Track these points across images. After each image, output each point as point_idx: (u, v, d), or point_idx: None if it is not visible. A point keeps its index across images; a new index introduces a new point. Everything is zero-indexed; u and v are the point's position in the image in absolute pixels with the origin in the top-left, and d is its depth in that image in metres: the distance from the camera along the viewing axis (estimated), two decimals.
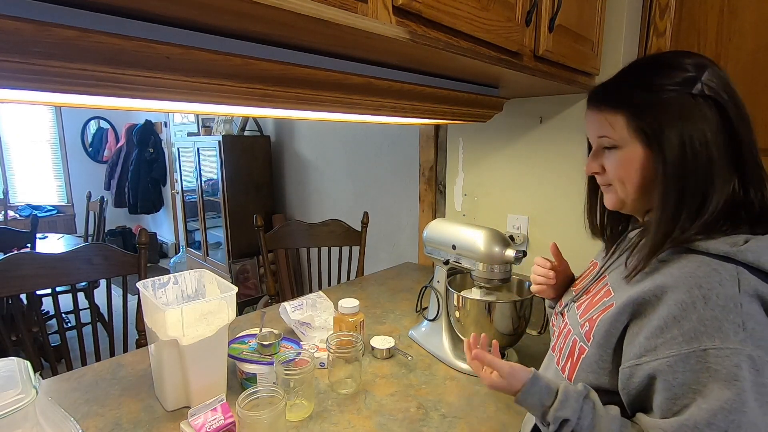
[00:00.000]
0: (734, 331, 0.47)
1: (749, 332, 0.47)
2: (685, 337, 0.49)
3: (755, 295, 0.48)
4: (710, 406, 0.46)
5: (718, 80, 0.54)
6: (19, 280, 1.15)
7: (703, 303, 0.48)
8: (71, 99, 0.56)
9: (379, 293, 1.52)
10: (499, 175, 1.57)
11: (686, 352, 0.48)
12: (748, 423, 0.46)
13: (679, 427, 0.48)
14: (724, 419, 0.46)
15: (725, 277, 0.49)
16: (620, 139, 0.59)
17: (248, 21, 0.56)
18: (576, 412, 0.55)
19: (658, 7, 1.19)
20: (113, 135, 5.06)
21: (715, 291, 0.48)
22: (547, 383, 0.60)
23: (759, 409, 0.46)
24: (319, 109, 0.81)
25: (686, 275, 0.51)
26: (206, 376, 0.85)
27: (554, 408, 0.57)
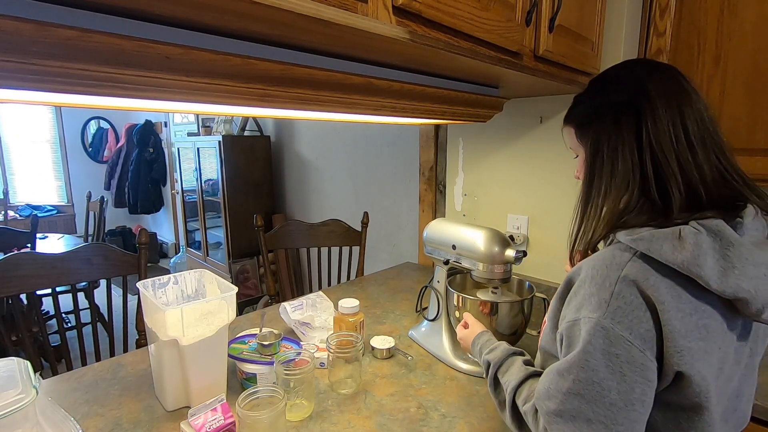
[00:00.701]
0: (599, 305, 0.53)
1: (612, 308, 0.52)
2: (574, 309, 0.57)
3: (634, 280, 0.53)
4: (565, 359, 0.56)
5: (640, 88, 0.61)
6: (19, 280, 1.15)
7: (590, 281, 0.56)
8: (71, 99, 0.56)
9: (379, 293, 1.52)
10: (499, 175, 1.57)
11: (572, 320, 0.57)
12: (587, 380, 0.53)
13: (547, 371, 0.59)
14: (567, 370, 0.54)
15: (615, 262, 0.55)
16: (575, 147, 0.71)
17: (248, 21, 0.56)
18: (499, 360, 0.73)
19: (658, 7, 1.18)
20: (113, 135, 5.06)
21: (600, 272, 0.55)
22: (490, 338, 0.83)
23: (611, 376, 0.52)
24: (319, 109, 0.81)
25: (593, 258, 0.58)
26: (206, 376, 0.85)
27: (485, 353, 0.77)
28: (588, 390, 0.53)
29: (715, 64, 1.11)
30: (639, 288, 0.53)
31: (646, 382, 0.52)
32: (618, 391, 0.52)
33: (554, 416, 0.55)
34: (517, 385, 0.67)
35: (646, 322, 0.52)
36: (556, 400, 0.55)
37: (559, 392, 0.55)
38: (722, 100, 1.10)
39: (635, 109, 0.61)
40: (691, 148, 0.59)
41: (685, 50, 1.16)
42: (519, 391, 0.66)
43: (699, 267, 0.51)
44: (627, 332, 0.51)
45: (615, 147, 0.62)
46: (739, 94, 1.08)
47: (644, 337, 0.52)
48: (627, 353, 0.51)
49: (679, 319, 0.52)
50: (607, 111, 0.64)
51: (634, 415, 0.52)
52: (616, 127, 0.62)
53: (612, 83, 0.66)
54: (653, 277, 0.53)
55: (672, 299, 0.52)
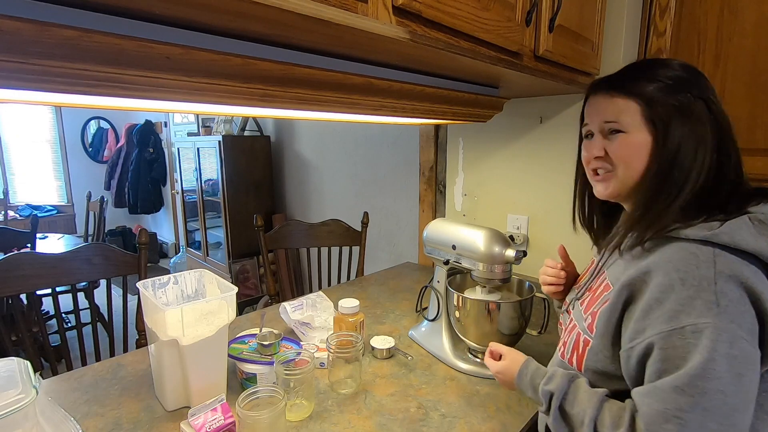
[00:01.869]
0: (708, 307, 0.50)
1: (723, 308, 0.50)
2: (666, 317, 0.53)
3: (731, 275, 0.52)
4: (680, 373, 0.51)
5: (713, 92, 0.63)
6: (19, 280, 1.15)
7: (681, 284, 0.53)
8: (71, 99, 0.56)
9: (379, 293, 1.52)
10: (499, 175, 1.57)
11: (668, 330, 0.52)
12: (714, 390, 0.49)
13: (651, 389, 0.53)
14: (689, 384, 0.50)
15: (702, 260, 0.53)
16: (629, 124, 0.64)
17: (248, 21, 0.56)
18: (561, 388, 0.63)
19: (658, 7, 1.18)
20: (113, 135, 5.06)
21: (692, 273, 0.53)
22: (539, 366, 0.71)
23: (730, 380, 0.49)
24: (320, 109, 0.81)
25: (666, 260, 0.55)
26: (206, 376, 0.85)
27: (542, 383, 0.66)
28: (713, 401, 0.49)
29: (715, 64, 1.11)
30: (737, 281, 0.52)
31: (757, 377, 0.51)
32: (736, 393, 0.50)
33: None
34: (596, 414, 0.59)
35: (749, 314, 0.51)
36: (678, 421, 0.50)
37: (680, 411, 0.50)
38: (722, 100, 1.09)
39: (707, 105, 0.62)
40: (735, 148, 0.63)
41: (685, 50, 1.16)
42: (601, 420, 0.58)
43: None
44: (741, 330, 0.50)
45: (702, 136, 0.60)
46: (739, 94, 1.08)
47: (752, 331, 0.51)
48: (743, 352, 0.50)
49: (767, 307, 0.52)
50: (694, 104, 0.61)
51: (747, 416, 0.51)
52: (700, 118, 0.61)
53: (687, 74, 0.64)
54: (745, 268, 0.52)
55: (761, 285, 0.52)
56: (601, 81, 0.68)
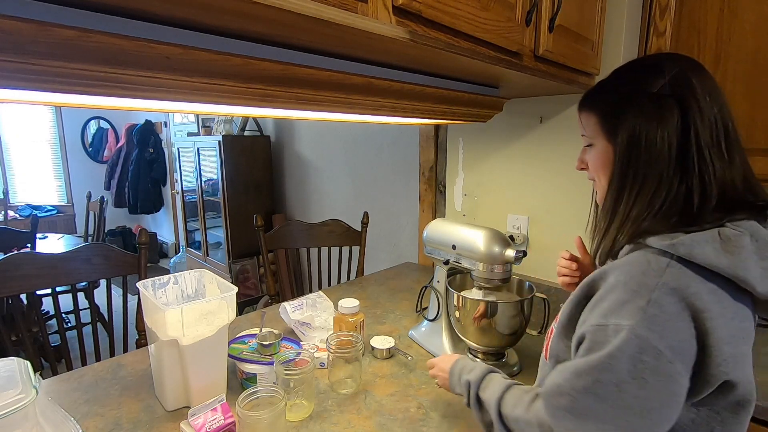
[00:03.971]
0: (634, 312, 0.50)
1: (648, 316, 0.50)
2: (601, 314, 0.54)
3: (675, 288, 0.51)
4: (584, 359, 0.53)
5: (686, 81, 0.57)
6: (19, 280, 1.15)
7: (623, 286, 0.53)
8: (71, 99, 0.56)
9: (379, 293, 1.52)
10: (499, 175, 1.57)
11: (597, 324, 0.53)
12: (608, 381, 0.50)
13: (559, 368, 0.57)
14: (587, 371, 0.52)
15: (651, 268, 0.52)
16: (593, 136, 0.66)
17: (248, 21, 0.56)
18: (478, 378, 0.71)
19: (658, 7, 1.18)
20: (113, 135, 5.06)
21: (636, 279, 0.53)
22: (466, 363, 0.77)
23: (632, 380, 0.49)
24: (320, 109, 0.81)
25: (623, 263, 0.56)
26: (206, 376, 0.85)
27: (464, 375, 0.74)
28: (605, 390, 0.51)
29: (715, 64, 1.11)
30: (680, 296, 0.50)
31: (668, 395, 0.50)
32: (636, 396, 0.50)
33: (564, 412, 0.54)
34: (500, 396, 0.64)
35: (682, 332, 0.49)
36: (569, 398, 0.53)
37: (573, 390, 0.53)
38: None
39: (680, 102, 0.56)
40: (729, 151, 0.56)
41: (685, 50, 1.16)
42: (503, 401, 0.64)
43: (745, 270, 0.49)
44: (660, 341, 0.49)
45: (654, 141, 0.57)
46: (739, 94, 1.08)
47: (676, 349, 0.49)
48: (654, 362, 0.49)
49: (723, 326, 0.50)
50: (647, 101, 0.58)
51: (648, 424, 0.50)
52: (657, 119, 0.57)
53: (652, 72, 0.60)
54: (695, 284, 0.51)
55: (715, 305, 0.50)
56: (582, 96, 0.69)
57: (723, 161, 0.56)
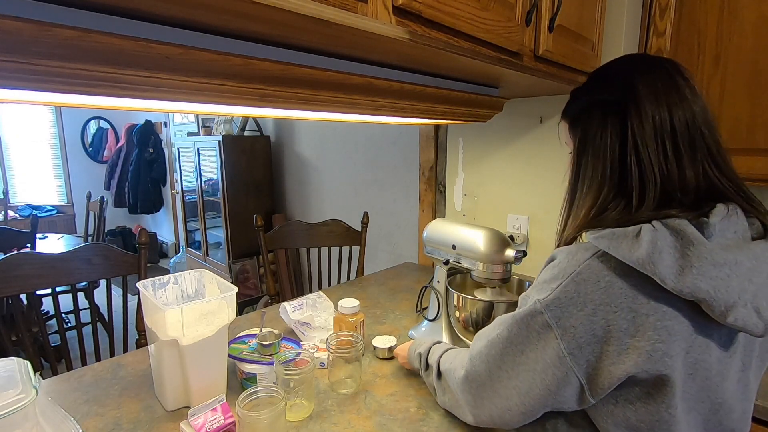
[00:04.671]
0: (545, 291, 0.56)
1: (552, 297, 0.55)
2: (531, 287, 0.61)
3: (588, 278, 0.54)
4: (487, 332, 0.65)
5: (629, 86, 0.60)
6: (19, 280, 1.15)
7: (550, 269, 0.58)
8: (71, 99, 0.57)
9: (379, 293, 1.52)
10: (499, 175, 1.57)
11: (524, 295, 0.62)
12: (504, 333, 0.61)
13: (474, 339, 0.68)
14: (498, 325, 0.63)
15: (578, 257, 0.56)
16: (568, 142, 0.71)
17: (248, 21, 0.56)
18: (426, 348, 0.86)
19: (658, 7, 1.18)
20: (113, 135, 5.06)
21: (561, 264, 0.57)
22: (420, 341, 0.91)
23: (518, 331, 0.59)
24: (320, 109, 0.81)
25: (564, 250, 0.60)
26: (206, 376, 0.85)
27: (417, 349, 0.89)
28: (499, 338, 0.61)
29: (715, 64, 1.11)
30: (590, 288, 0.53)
31: (544, 358, 0.56)
32: (516, 341, 0.59)
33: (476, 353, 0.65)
34: (439, 356, 0.79)
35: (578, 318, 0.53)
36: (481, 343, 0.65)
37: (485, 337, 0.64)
38: (722, 100, 1.10)
39: (622, 108, 0.59)
40: (676, 151, 0.57)
41: (685, 50, 1.16)
42: (443, 359, 0.78)
43: (653, 264, 0.50)
44: (553, 320, 0.55)
45: (599, 145, 0.62)
46: (739, 94, 1.08)
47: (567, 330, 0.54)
48: (542, 328, 0.56)
49: (630, 320, 0.52)
50: (596, 108, 0.63)
51: (520, 361, 0.59)
52: (602, 126, 0.61)
53: (603, 80, 0.65)
54: (607, 278, 0.53)
55: (624, 299, 0.52)
56: None
57: (666, 161, 0.57)
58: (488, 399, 0.64)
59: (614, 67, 0.66)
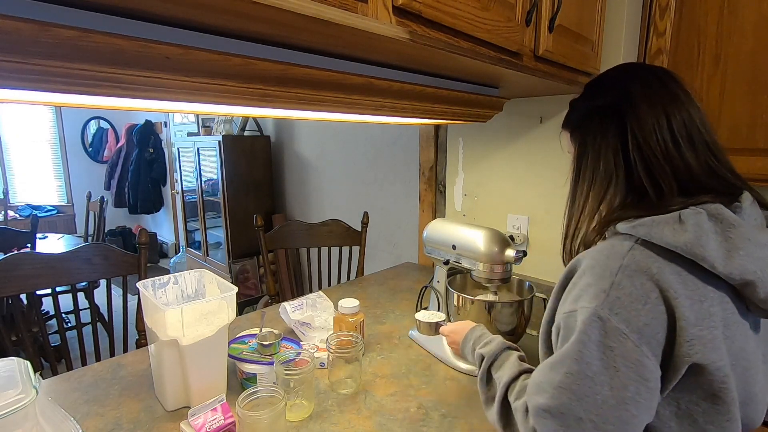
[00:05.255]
0: (597, 295, 0.52)
1: (610, 299, 0.51)
2: (571, 300, 0.56)
3: (638, 270, 0.52)
4: (558, 351, 0.54)
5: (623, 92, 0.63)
6: (19, 280, 1.15)
7: (590, 271, 0.55)
8: (71, 99, 0.56)
9: (379, 293, 1.52)
10: (499, 175, 1.57)
11: (568, 311, 0.55)
12: (582, 374, 0.50)
13: (539, 369, 0.57)
14: (560, 362, 0.52)
15: (616, 251, 0.54)
16: (570, 150, 0.73)
17: (248, 21, 0.56)
18: (492, 353, 0.71)
19: (658, 7, 1.18)
20: (113, 135, 5.06)
21: (600, 263, 0.54)
22: (484, 332, 0.79)
23: (602, 369, 0.50)
24: (320, 109, 0.81)
25: (593, 249, 0.58)
26: (206, 376, 0.85)
27: (479, 347, 0.75)
28: (579, 385, 0.50)
29: (715, 64, 1.11)
30: (644, 278, 0.51)
31: (641, 381, 0.49)
32: (611, 387, 0.49)
33: (543, 411, 0.53)
34: (509, 381, 0.65)
35: (646, 314, 0.50)
36: (546, 395, 0.52)
37: (550, 386, 0.52)
38: (722, 100, 1.10)
39: (619, 112, 0.62)
40: (676, 144, 0.59)
41: (685, 50, 1.16)
42: (512, 387, 0.64)
43: (702, 248, 0.50)
44: (624, 325, 0.50)
45: (598, 149, 0.64)
46: (739, 94, 1.08)
47: (642, 331, 0.49)
48: (621, 346, 0.49)
49: (689, 307, 0.50)
50: (594, 114, 0.66)
51: (626, 416, 0.50)
52: (600, 130, 0.64)
53: (599, 88, 0.68)
54: (657, 264, 0.52)
55: (679, 285, 0.50)
56: None
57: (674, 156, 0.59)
58: None
59: (609, 75, 0.69)
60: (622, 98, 0.63)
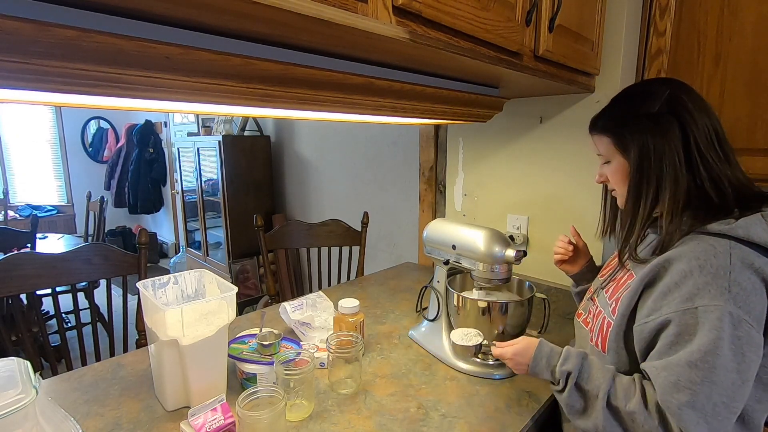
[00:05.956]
0: (720, 292, 0.58)
1: (733, 294, 0.58)
2: (683, 298, 0.61)
3: (745, 265, 0.60)
4: (692, 349, 0.59)
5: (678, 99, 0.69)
6: (19, 280, 1.15)
7: (699, 271, 0.61)
8: (71, 99, 0.56)
9: (379, 293, 1.52)
10: (499, 175, 1.57)
11: (682, 309, 0.61)
12: (720, 366, 0.57)
13: (666, 364, 0.61)
14: (701, 359, 0.58)
15: (719, 251, 0.61)
16: (608, 155, 0.77)
17: (248, 21, 0.56)
18: (576, 366, 0.70)
19: (658, 7, 1.18)
20: (113, 135, 5.06)
21: (710, 261, 0.60)
22: (552, 347, 0.76)
23: (732, 357, 0.57)
24: (320, 109, 0.81)
25: (688, 250, 0.63)
26: (206, 376, 0.85)
27: (559, 364, 0.72)
28: (719, 375, 0.57)
29: (715, 64, 1.11)
30: (751, 271, 0.59)
31: (758, 359, 0.59)
32: (738, 371, 0.57)
33: (687, 408, 0.58)
34: (608, 388, 0.66)
35: (760, 303, 0.59)
36: (689, 392, 0.58)
37: (692, 383, 0.58)
38: (722, 100, 1.10)
39: (677, 116, 0.68)
40: (723, 149, 0.68)
41: (685, 50, 1.16)
42: (614, 393, 0.66)
43: None
44: (747, 315, 0.58)
45: (663, 150, 0.68)
46: (739, 94, 1.08)
47: (759, 318, 0.58)
48: (747, 335, 0.58)
49: None
50: (648, 120, 0.70)
51: (746, 391, 0.59)
52: (661, 134, 0.68)
53: (648, 96, 0.72)
54: (758, 259, 0.60)
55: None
56: (591, 121, 0.80)
57: (721, 160, 0.68)
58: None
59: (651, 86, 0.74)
60: (677, 105, 0.69)
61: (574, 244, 1.01)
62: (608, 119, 0.77)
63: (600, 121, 0.78)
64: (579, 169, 1.33)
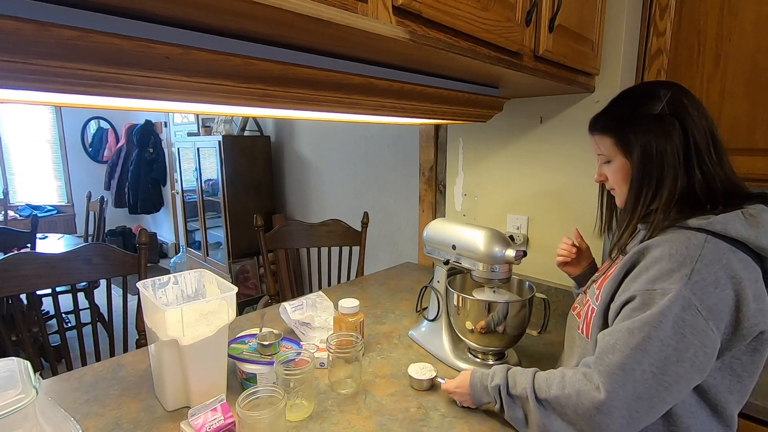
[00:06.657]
0: (680, 278, 0.62)
1: (692, 282, 0.62)
2: (648, 280, 0.65)
3: (713, 259, 0.63)
4: (635, 318, 0.64)
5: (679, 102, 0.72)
6: (19, 280, 1.15)
7: (668, 259, 0.65)
8: (71, 99, 0.56)
9: (379, 293, 1.52)
10: (499, 175, 1.57)
11: (644, 289, 0.65)
12: (656, 338, 0.62)
13: (611, 330, 0.67)
14: (640, 328, 0.63)
15: (693, 243, 0.64)
16: (610, 154, 0.79)
17: (248, 21, 0.56)
18: (503, 378, 0.77)
19: (658, 7, 1.18)
20: (113, 135, 5.06)
21: (680, 251, 0.64)
22: (483, 371, 0.82)
23: (671, 335, 0.61)
24: (320, 109, 0.81)
25: (664, 240, 0.68)
26: (206, 376, 0.85)
27: (489, 382, 0.79)
28: (652, 346, 0.61)
29: (715, 64, 1.11)
30: (717, 266, 0.62)
31: (700, 347, 0.61)
32: (675, 348, 0.61)
33: (616, 369, 0.63)
34: (531, 383, 0.72)
35: (716, 296, 0.61)
36: (622, 354, 0.63)
37: (626, 347, 0.63)
38: (722, 100, 1.10)
39: (679, 119, 0.70)
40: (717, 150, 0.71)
41: (685, 50, 1.16)
42: (538, 386, 0.71)
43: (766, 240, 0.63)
44: (699, 303, 0.61)
45: (665, 151, 0.70)
46: (739, 94, 1.08)
47: (713, 311, 0.61)
48: (693, 320, 0.61)
49: (750, 287, 0.62)
50: (651, 121, 0.72)
51: (681, 371, 0.61)
52: (664, 135, 0.70)
53: (650, 98, 0.74)
54: (727, 255, 0.63)
55: (743, 271, 0.62)
56: (591, 121, 0.82)
57: (714, 162, 0.71)
58: (644, 414, 0.63)
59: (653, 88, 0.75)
60: (678, 107, 0.71)
61: (577, 246, 1.02)
62: (610, 119, 0.78)
63: (601, 121, 0.79)
64: (579, 168, 1.33)
